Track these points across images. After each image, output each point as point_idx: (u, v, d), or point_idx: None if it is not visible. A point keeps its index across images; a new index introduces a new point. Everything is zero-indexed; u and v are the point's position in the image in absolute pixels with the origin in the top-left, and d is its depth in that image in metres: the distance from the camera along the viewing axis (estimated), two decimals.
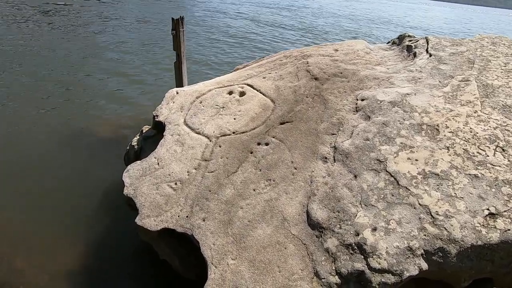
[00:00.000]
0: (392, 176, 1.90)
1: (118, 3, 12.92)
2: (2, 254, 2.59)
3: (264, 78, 3.12)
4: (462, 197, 1.72)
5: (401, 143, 2.06)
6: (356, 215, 1.80)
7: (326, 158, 2.18)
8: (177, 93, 3.19)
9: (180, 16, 4.31)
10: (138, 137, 3.21)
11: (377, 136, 2.15)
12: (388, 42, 3.51)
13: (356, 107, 2.46)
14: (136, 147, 3.08)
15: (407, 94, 2.41)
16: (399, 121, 2.20)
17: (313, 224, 1.86)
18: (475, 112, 2.16)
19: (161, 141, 2.69)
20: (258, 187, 2.16)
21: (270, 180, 2.18)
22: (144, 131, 3.25)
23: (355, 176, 1.98)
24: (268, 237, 1.89)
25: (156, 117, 2.99)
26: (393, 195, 1.82)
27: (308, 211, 1.92)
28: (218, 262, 1.84)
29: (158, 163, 2.49)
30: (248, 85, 3.06)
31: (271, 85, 2.97)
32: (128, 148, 3.20)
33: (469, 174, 1.81)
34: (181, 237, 2.15)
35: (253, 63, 3.76)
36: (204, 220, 2.07)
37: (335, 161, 2.12)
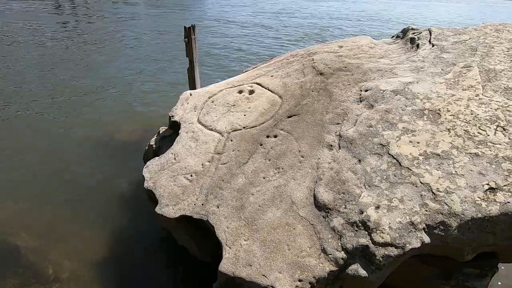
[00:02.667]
0: (394, 158, 2.00)
1: (132, 18, 13.59)
2: (38, 246, 2.84)
3: (272, 76, 3.29)
4: (462, 174, 1.80)
5: (403, 127, 2.16)
6: (360, 195, 1.91)
7: (331, 145, 2.30)
8: (191, 94, 3.41)
9: (192, 25, 4.58)
10: (156, 137, 3.44)
11: (379, 122, 2.25)
12: (393, 37, 3.61)
13: (360, 98, 2.57)
14: (154, 146, 3.31)
15: (410, 82, 2.50)
16: (401, 107, 2.30)
17: (320, 206, 1.98)
18: (476, 96, 2.23)
19: (177, 138, 2.90)
20: (268, 175, 2.31)
21: (278, 168, 2.32)
22: (161, 132, 3.48)
23: (359, 161, 2.09)
24: (277, 219, 2.02)
25: (172, 117, 3.22)
26: (395, 176, 1.92)
27: (315, 194, 2.05)
28: (232, 243, 1.99)
29: (175, 158, 2.69)
30: (257, 83, 3.23)
31: (278, 83, 3.13)
32: (146, 147, 3.43)
33: (470, 153, 1.89)
34: (198, 223, 2.31)
35: (262, 64, 3.95)
36: (218, 207, 2.23)
37: (340, 148, 2.24)
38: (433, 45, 2.92)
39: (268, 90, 3.10)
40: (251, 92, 3.15)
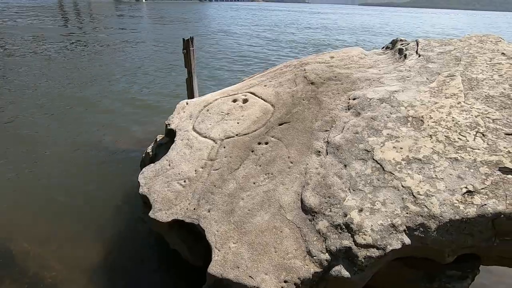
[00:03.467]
0: (378, 163, 2.08)
1: (135, 31, 13.95)
2: (36, 252, 2.91)
3: (265, 86, 3.40)
4: (442, 178, 1.87)
5: (388, 134, 2.24)
6: (345, 199, 1.97)
7: (319, 151, 2.38)
8: (187, 103, 3.52)
9: (190, 37, 4.75)
10: (153, 144, 3.54)
11: (365, 129, 2.34)
12: (383, 48, 3.73)
13: (348, 106, 2.67)
14: (151, 153, 3.40)
15: (395, 91, 2.60)
16: (386, 115, 2.39)
17: (306, 209, 2.05)
18: (458, 103, 2.32)
19: (172, 145, 2.99)
20: (258, 180, 2.38)
21: (268, 173, 2.40)
22: (158, 139, 3.58)
23: (345, 166, 2.17)
24: (265, 223, 2.09)
25: (168, 125, 3.32)
26: (378, 180, 1.99)
27: (302, 198, 2.12)
28: (221, 246, 2.05)
29: (169, 164, 2.78)
30: (251, 93, 3.35)
31: (271, 92, 3.24)
32: (143, 155, 3.52)
33: (450, 158, 1.96)
34: (190, 227, 2.38)
35: (257, 74, 4.07)
36: (209, 211, 2.30)
37: (327, 154, 2.32)
38: (419, 55, 3.03)
39: (261, 99, 3.21)
40: (245, 101, 3.26)
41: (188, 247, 2.46)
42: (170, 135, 3.32)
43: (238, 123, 2.99)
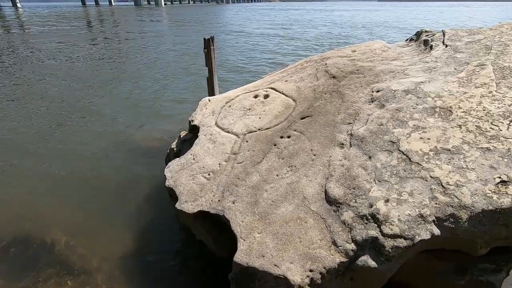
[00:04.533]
0: (404, 154, 2.04)
1: (157, 35, 14.36)
2: (69, 241, 3.08)
3: (286, 81, 3.42)
4: (473, 168, 1.81)
5: (414, 125, 2.20)
6: (370, 190, 1.96)
7: (343, 144, 2.37)
8: (209, 100, 3.60)
9: (211, 36, 4.84)
10: (177, 141, 3.64)
11: (390, 121, 2.30)
12: (407, 40, 3.65)
13: (371, 98, 2.63)
14: (175, 149, 3.51)
15: (421, 82, 2.54)
16: (412, 106, 2.34)
17: (331, 201, 2.05)
18: (489, 93, 2.23)
19: (196, 140, 3.07)
20: (281, 173, 2.40)
21: (291, 166, 2.41)
22: (181, 136, 3.68)
23: (370, 157, 2.15)
24: (290, 213, 2.11)
25: (191, 122, 3.41)
26: (405, 171, 1.96)
27: (326, 189, 2.12)
28: (246, 236, 2.09)
29: (194, 159, 2.86)
30: (272, 88, 3.37)
31: (292, 87, 3.25)
32: (168, 151, 3.64)
33: (481, 148, 1.89)
34: (214, 219, 2.44)
35: (277, 71, 4.10)
36: (233, 203, 2.34)
37: (351, 146, 2.30)
38: (446, 46, 2.94)
39: (282, 94, 3.23)
40: (266, 96, 3.29)
41: (213, 238, 2.52)
42: (194, 131, 3.40)
43: (260, 118, 3.02)
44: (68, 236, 3.12)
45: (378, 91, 2.66)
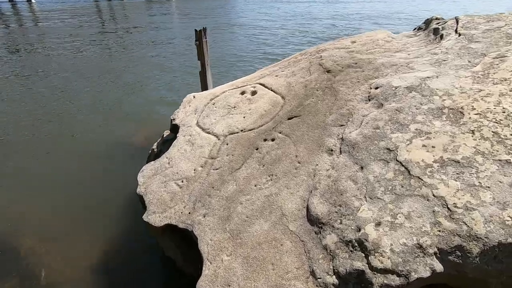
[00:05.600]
0: (403, 165, 1.67)
1: (165, 27, 14.06)
2: (37, 248, 2.85)
3: (276, 76, 3.05)
4: (488, 187, 1.43)
5: (416, 129, 1.81)
6: (359, 209, 1.60)
7: (332, 150, 2.00)
8: (194, 97, 3.27)
9: (203, 27, 4.49)
10: (159, 141, 3.34)
11: (388, 124, 1.92)
12: (415, 29, 3.21)
13: (369, 96, 2.25)
14: (155, 150, 3.21)
15: (428, 77, 2.13)
16: (415, 106, 1.95)
17: (313, 220, 1.70)
18: (511, 91, 1.82)
19: (174, 141, 2.76)
20: (260, 183, 2.06)
21: (272, 175, 2.07)
22: (165, 135, 3.38)
23: (361, 168, 1.78)
24: (264, 233, 1.77)
25: (173, 120, 3.10)
26: (402, 187, 1.59)
27: (308, 205, 1.77)
28: (213, 258, 1.78)
29: (169, 163, 2.55)
30: (261, 84, 3.01)
31: (282, 82, 2.89)
32: (150, 151, 3.34)
33: (499, 160, 1.50)
34: (184, 233, 2.13)
35: (271, 65, 3.72)
36: (204, 216, 2.03)
37: (341, 153, 1.94)
38: (459, 35, 2.51)
39: (271, 90, 2.87)
40: (254, 93, 2.94)
41: (182, 253, 2.22)
42: (175, 130, 3.09)
43: (244, 117, 2.68)
44: (36, 242, 2.89)
45: (377, 88, 2.27)
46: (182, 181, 2.34)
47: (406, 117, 1.90)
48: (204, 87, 4.75)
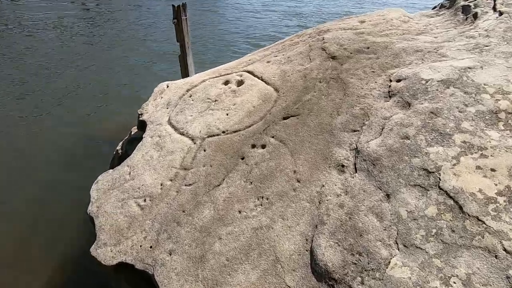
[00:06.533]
0: (450, 197, 1.15)
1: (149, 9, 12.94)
2: None
3: (268, 62, 2.46)
4: None
5: (464, 142, 1.29)
6: (389, 261, 1.08)
7: (343, 166, 1.47)
8: (167, 86, 2.65)
9: (183, 3, 3.79)
10: (125, 139, 2.73)
11: (422, 132, 1.39)
12: (435, 7, 2.64)
13: (389, 92, 1.70)
14: (120, 151, 2.60)
15: (469, 68, 1.59)
16: (457, 108, 1.42)
17: (320, 272, 1.18)
18: None
19: (139, 144, 2.16)
20: (246, 208, 1.52)
21: (262, 198, 1.53)
22: (132, 133, 2.77)
23: (388, 196, 1.25)
24: (251, 287, 1.24)
25: (140, 115, 2.48)
26: (453, 231, 1.07)
27: (313, 249, 1.24)
28: None
29: (130, 173, 1.96)
30: (249, 72, 2.41)
31: (275, 70, 2.30)
32: (114, 153, 2.73)
33: None
34: (143, 274, 1.58)
35: (262, 49, 3.11)
36: (170, 254, 1.48)
37: (356, 171, 1.40)
38: (500, 13, 1.96)
39: (262, 80, 2.28)
40: (240, 83, 2.34)
41: None
42: (143, 128, 2.49)
43: (227, 114, 2.10)
44: None
45: (399, 81, 1.73)
46: (145, 200, 1.77)
47: (446, 124, 1.37)
48: (185, 74, 4.10)
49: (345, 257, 1.16)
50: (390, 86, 1.72)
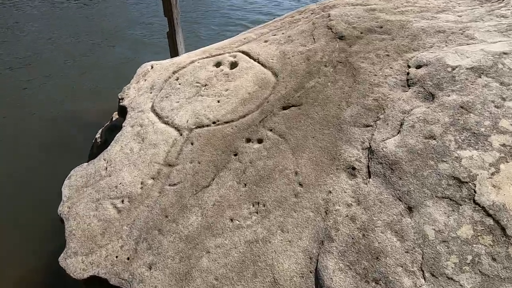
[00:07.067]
0: (489, 215, 0.93)
1: None
2: None
3: (266, 42, 2.15)
4: None
5: (503, 145, 1.06)
6: None
7: (354, 168, 1.23)
8: (152, 67, 2.34)
9: None
10: (105, 127, 2.44)
11: (451, 130, 1.15)
12: None
13: (407, 80, 1.45)
14: (100, 140, 2.33)
15: (504, 53, 1.34)
16: (493, 102, 1.18)
17: None
18: None
19: (118, 134, 1.89)
20: (238, 216, 1.29)
21: (258, 204, 1.30)
22: (114, 119, 2.48)
23: (410, 209, 1.03)
24: None
25: (120, 100, 2.19)
26: (495, 260, 0.86)
27: (319, 271, 1.03)
28: None
29: (106, 168, 1.70)
30: (243, 52, 2.11)
31: (274, 52, 2.01)
32: (93, 141, 2.45)
33: None
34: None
35: (258, 26, 2.78)
36: (150, 268, 1.26)
37: (370, 176, 1.17)
38: None
39: (258, 62, 1.99)
40: (233, 65, 2.05)
41: None
42: (124, 115, 2.20)
43: (218, 101, 1.82)
44: None
45: (419, 67, 1.47)
46: (123, 201, 1.52)
47: (480, 121, 1.13)
48: (174, 51, 3.74)
49: (358, 284, 0.96)
50: (408, 73, 1.47)
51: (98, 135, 2.36)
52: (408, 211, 1.03)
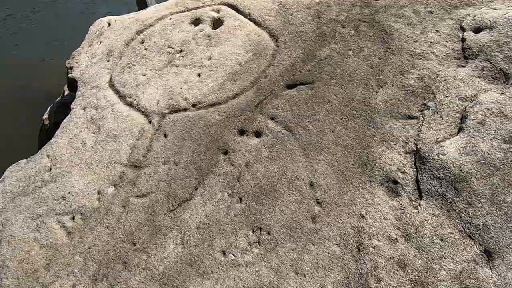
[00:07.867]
0: None
1: None
2: None
3: None
4: None
5: None
6: None
7: (396, 182, 0.86)
8: (109, 25, 1.75)
9: None
10: (53, 105, 1.91)
11: None
12: None
13: (463, 49, 1.03)
14: (48, 124, 1.81)
15: None
16: None
17: None
18: None
19: (64, 120, 1.40)
20: (233, 247, 0.92)
21: (260, 230, 0.93)
22: (66, 93, 1.93)
23: (489, 255, 0.69)
24: None
25: (69, 70, 1.64)
26: None
27: None
28: None
29: (51, 169, 1.25)
30: (229, 5, 1.57)
31: (271, 5, 1.48)
32: (41, 124, 1.92)
33: None
34: None
35: None
36: None
37: (421, 196, 0.81)
38: None
39: (250, 20, 1.48)
40: (217, 22, 1.53)
41: None
42: (73, 89, 1.68)
43: (199, 75, 1.35)
44: None
45: (478, 30, 1.04)
46: (74, 219, 1.11)
47: None
48: (143, 5, 3.02)
49: None
50: (463, 39, 1.04)
51: (45, 116, 1.84)
52: (487, 257, 0.70)
